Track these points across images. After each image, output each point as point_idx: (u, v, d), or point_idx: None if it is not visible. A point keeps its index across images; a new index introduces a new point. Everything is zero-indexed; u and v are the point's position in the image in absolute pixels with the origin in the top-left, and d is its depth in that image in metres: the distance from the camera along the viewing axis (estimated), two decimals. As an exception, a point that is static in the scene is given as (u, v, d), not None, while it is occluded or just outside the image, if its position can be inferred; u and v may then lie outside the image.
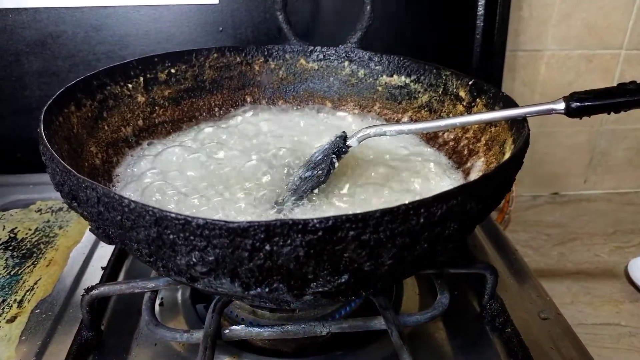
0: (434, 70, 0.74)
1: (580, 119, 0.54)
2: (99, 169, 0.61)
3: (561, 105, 0.53)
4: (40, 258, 0.74)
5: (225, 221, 0.37)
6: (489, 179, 0.43)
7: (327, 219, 0.37)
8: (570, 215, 1.38)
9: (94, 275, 0.71)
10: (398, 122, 0.78)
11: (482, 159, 0.62)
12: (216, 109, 0.81)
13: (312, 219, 0.37)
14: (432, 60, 0.76)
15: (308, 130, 0.77)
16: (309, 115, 0.81)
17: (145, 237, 0.39)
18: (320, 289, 0.41)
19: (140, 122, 0.72)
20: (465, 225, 0.44)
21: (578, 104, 0.52)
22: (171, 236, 0.38)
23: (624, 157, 1.44)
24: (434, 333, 0.62)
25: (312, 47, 0.83)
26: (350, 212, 0.37)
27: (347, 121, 0.80)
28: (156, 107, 0.74)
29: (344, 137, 0.60)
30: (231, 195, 0.57)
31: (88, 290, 0.58)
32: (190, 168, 0.63)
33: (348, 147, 0.60)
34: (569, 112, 0.53)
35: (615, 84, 0.52)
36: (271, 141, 0.72)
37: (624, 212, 1.40)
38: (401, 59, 0.78)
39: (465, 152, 0.66)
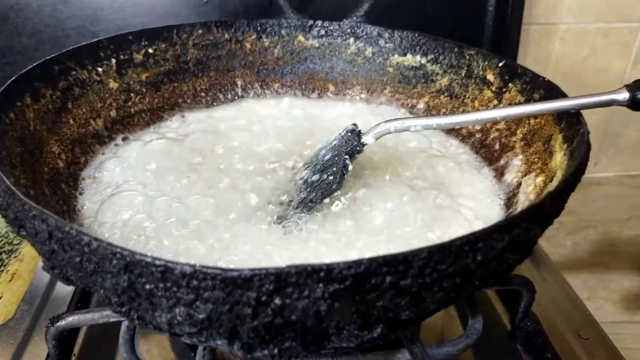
0: (455, 49, 0.64)
1: (646, 112, 0.45)
2: (62, 173, 0.51)
3: (624, 95, 0.43)
4: (2, 271, 0.64)
5: (221, 269, 0.27)
6: (558, 196, 0.34)
7: (358, 263, 0.27)
8: (582, 201, 1.30)
9: (65, 291, 0.60)
10: (413, 108, 0.68)
11: (520, 156, 0.53)
12: (202, 95, 0.70)
13: (338, 264, 0.27)
14: (440, 35, 0.66)
15: (310, 119, 0.66)
16: (310, 101, 0.71)
17: (113, 286, 0.29)
18: (344, 344, 0.32)
19: (112, 113, 0.61)
20: (525, 253, 0.35)
21: (646, 94, 0.43)
22: (147, 286, 0.29)
23: (637, 139, 1.36)
24: (461, 359, 0.54)
25: (311, 22, 0.72)
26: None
27: (354, 108, 0.70)
28: (132, 94, 0.63)
29: (357, 133, 0.51)
30: (222, 207, 0.47)
31: (53, 320, 0.48)
32: (172, 170, 0.53)
33: (363, 145, 0.50)
34: (634, 104, 0.43)
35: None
36: (268, 133, 0.61)
37: (637, 197, 1.32)
38: (416, 35, 0.67)
39: (497, 146, 0.57)
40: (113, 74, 0.62)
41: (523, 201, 0.47)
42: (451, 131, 0.63)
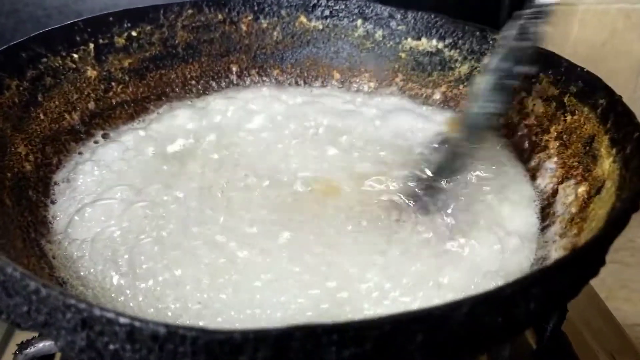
0: (477, 33, 0.57)
1: None
2: (29, 177, 0.44)
3: None
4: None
5: (203, 330, 0.21)
6: (624, 220, 0.28)
7: (382, 321, 0.21)
8: (598, 192, 1.24)
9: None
10: (428, 98, 0.61)
11: (555, 158, 0.46)
12: (193, 83, 0.63)
13: (355, 324, 0.21)
14: (452, 15, 0.60)
15: (314, 110, 0.60)
16: (312, 90, 0.64)
17: (69, 344, 0.23)
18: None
19: (91, 105, 0.54)
20: (581, 289, 0.29)
21: None
22: (111, 347, 0.22)
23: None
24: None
25: (315, 1, 0.64)
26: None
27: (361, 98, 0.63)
28: (113, 83, 0.56)
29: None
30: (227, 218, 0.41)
31: (22, 346, 0.42)
32: (159, 175, 0.47)
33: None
34: None
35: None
36: (268, 129, 0.55)
37: (656, 188, 1.26)
38: (432, 17, 0.60)
39: (526, 145, 0.50)
40: (91, 61, 0.54)
41: (562, 213, 0.41)
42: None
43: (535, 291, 0.23)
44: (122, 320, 0.21)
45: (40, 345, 0.42)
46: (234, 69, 0.65)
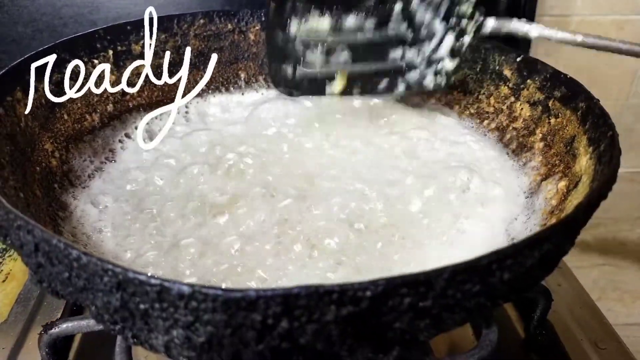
0: (470, 43, 0.61)
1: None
2: (55, 172, 0.48)
3: None
4: (-6, 271, 0.62)
5: (222, 289, 0.24)
6: (591, 207, 0.31)
7: (375, 283, 0.25)
8: (592, 198, 1.27)
9: (59, 293, 0.58)
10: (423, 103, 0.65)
11: (540, 158, 0.50)
12: (204, 88, 0.66)
13: (352, 285, 0.25)
14: None
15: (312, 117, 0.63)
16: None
17: (105, 304, 0.27)
18: (356, 367, 0.29)
19: (109, 107, 0.58)
20: (553, 267, 0.32)
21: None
22: (142, 306, 0.26)
23: (649, 134, 1.32)
24: (473, 368, 0.51)
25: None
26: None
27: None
28: (129, 88, 0.60)
29: None
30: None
31: (47, 327, 0.46)
32: (168, 169, 0.51)
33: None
34: None
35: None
36: (276, 137, 0.58)
37: (649, 194, 1.29)
38: (428, 27, 0.64)
39: (514, 145, 0.54)
40: (110, 66, 0.59)
41: (544, 206, 0.44)
42: (467, 128, 0.60)
43: (509, 263, 0.27)
44: (152, 281, 0.25)
45: (64, 326, 0.46)
46: (242, 75, 0.69)
